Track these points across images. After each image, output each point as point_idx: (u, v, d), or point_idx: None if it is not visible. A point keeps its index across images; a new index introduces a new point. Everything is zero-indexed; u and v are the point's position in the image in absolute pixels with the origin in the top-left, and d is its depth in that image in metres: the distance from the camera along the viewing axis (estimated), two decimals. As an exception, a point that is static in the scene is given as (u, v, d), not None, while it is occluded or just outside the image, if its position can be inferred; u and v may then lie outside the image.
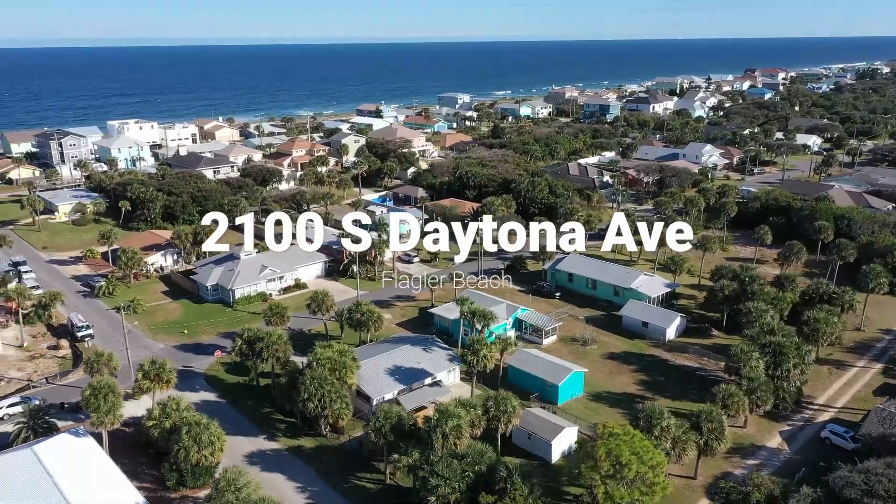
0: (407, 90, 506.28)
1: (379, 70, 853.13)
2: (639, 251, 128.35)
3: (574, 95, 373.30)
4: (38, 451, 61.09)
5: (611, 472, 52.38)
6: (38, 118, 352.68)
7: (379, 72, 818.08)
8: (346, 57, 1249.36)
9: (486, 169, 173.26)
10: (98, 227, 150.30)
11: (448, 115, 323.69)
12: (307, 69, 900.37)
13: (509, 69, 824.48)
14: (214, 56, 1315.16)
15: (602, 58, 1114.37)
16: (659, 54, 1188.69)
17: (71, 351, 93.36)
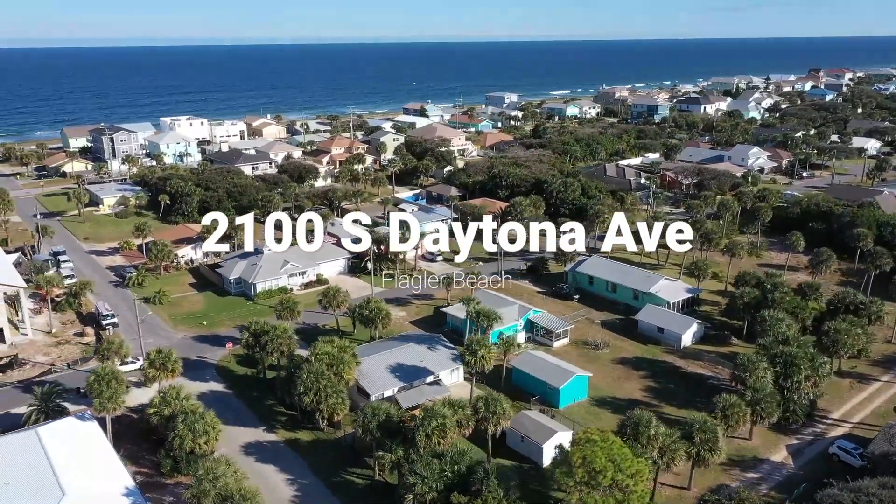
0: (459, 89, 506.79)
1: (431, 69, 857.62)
2: (667, 254, 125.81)
3: (624, 95, 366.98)
4: (41, 432, 63.79)
5: (585, 478, 51.42)
6: (103, 114, 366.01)
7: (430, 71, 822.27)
8: (401, 56, 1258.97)
9: (519, 169, 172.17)
10: (139, 219, 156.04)
11: (493, 114, 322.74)
12: (362, 68, 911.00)
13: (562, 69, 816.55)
14: (270, 55, 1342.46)
15: (661, 57, 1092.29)
16: (720, 53, 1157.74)
17: (95, 338, 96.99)
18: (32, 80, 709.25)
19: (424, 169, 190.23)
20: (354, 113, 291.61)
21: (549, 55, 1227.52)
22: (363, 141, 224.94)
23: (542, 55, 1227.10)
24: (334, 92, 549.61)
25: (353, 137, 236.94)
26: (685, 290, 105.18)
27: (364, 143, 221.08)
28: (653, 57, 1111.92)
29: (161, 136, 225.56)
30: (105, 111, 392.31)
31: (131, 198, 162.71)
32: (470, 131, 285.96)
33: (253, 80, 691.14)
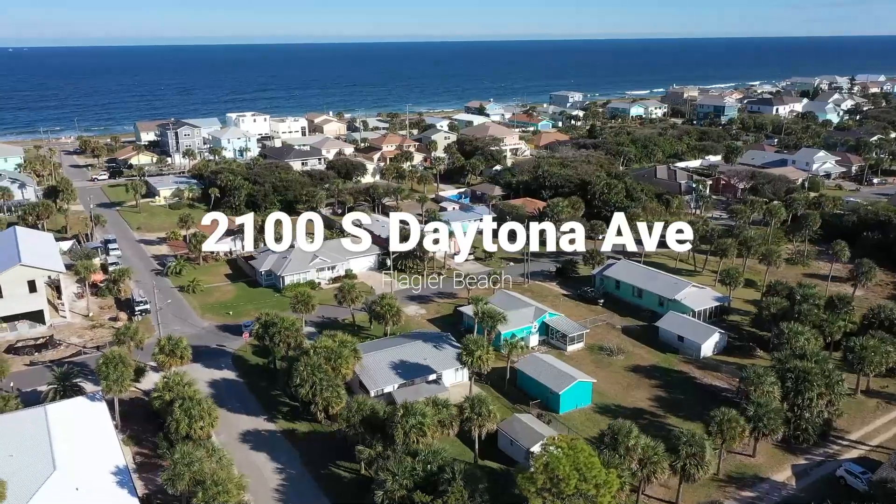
0: (524, 88, 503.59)
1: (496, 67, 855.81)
2: (704, 260, 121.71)
3: (693, 95, 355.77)
4: (49, 409, 67.59)
5: (547, 485, 50.52)
6: (186, 110, 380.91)
7: (496, 69, 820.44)
8: (479, 54, 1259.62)
9: (565, 169, 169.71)
10: (191, 210, 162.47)
11: (554, 113, 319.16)
12: (426, 66, 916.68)
13: (632, 68, 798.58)
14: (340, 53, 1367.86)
15: (743, 56, 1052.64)
16: (807, 52, 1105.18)
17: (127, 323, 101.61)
18: (124, 75, 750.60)
19: (472, 168, 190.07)
20: (410, 111, 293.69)
21: (620, 54, 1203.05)
22: (415, 139, 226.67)
23: (611, 54, 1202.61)
24: (400, 90, 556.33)
25: (406, 135, 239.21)
26: (713, 298, 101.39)
27: (416, 140, 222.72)
28: (734, 55, 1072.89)
29: (222, 131, 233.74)
30: (188, 107, 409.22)
31: (185, 190, 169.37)
32: (528, 130, 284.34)
33: (322, 78, 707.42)
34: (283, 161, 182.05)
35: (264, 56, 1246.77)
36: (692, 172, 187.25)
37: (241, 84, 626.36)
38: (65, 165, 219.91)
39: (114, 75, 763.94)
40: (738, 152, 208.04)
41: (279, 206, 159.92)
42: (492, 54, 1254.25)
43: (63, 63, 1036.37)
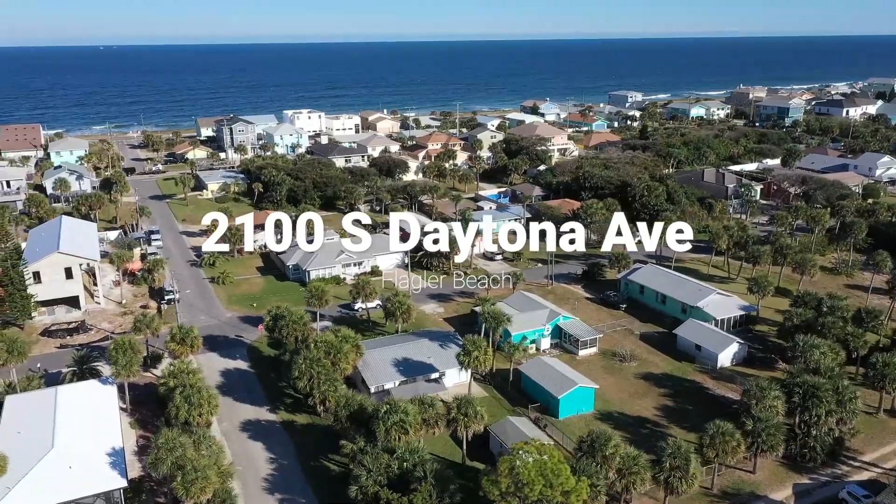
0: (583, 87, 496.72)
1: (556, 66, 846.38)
2: (739, 267, 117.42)
3: (759, 96, 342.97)
4: (59, 391, 71.13)
5: (511, 489, 49.97)
6: (253, 106, 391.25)
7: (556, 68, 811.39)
8: (542, 53, 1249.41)
9: (607, 171, 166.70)
10: (236, 204, 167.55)
11: (610, 113, 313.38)
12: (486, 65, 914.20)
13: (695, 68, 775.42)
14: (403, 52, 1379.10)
15: (826, 56, 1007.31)
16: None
17: (156, 311, 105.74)
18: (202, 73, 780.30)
19: (514, 167, 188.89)
20: (466, 109, 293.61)
21: (689, 53, 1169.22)
22: (461, 138, 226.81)
23: (679, 54, 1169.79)
24: (461, 89, 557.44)
25: (456, 133, 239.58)
26: (739, 306, 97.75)
27: (462, 139, 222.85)
28: (816, 55, 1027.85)
29: (275, 127, 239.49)
30: (256, 103, 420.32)
31: (231, 184, 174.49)
32: (582, 130, 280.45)
33: (387, 76, 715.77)
34: (327, 158, 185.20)
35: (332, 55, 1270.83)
36: (743, 176, 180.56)
37: (311, 82, 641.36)
38: (127, 159, 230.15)
39: (191, 73, 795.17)
40: (797, 156, 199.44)
41: (319, 203, 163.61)
42: (556, 53, 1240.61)
43: (146, 61, 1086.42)
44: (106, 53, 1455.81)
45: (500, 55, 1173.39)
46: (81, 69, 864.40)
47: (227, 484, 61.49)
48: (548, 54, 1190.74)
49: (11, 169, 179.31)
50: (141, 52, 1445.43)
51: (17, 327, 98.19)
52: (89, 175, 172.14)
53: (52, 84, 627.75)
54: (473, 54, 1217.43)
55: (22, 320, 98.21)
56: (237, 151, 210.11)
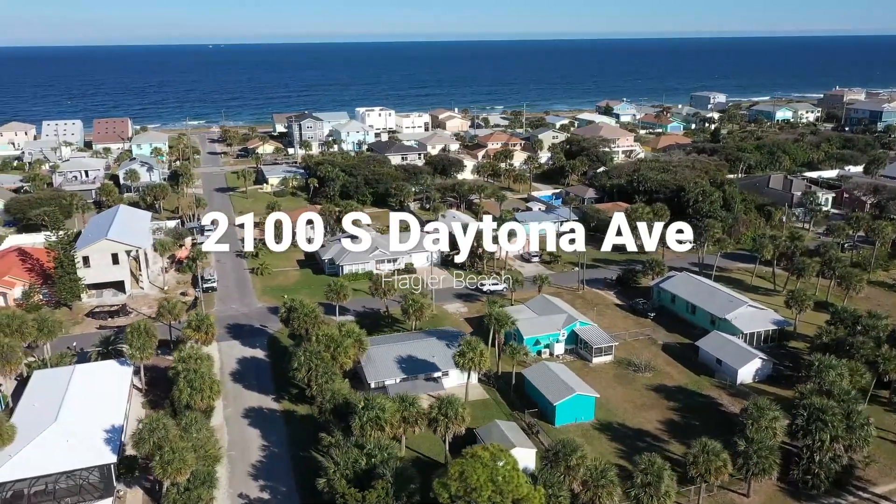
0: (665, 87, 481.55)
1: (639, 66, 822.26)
2: (785, 279, 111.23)
3: (855, 98, 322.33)
4: (77, 369, 75.87)
5: (460, 492, 49.52)
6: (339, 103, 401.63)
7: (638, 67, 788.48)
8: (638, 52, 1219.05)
9: (663, 174, 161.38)
10: (292, 199, 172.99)
11: (688, 115, 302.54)
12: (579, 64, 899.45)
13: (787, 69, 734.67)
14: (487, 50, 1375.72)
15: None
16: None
17: (195, 298, 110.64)
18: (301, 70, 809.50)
19: (571, 168, 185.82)
20: (538, 109, 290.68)
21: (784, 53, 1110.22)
22: (523, 138, 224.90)
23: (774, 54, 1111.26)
24: (539, 88, 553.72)
25: (518, 133, 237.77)
26: (772, 320, 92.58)
27: (524, 139, 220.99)
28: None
29: (344, 124, 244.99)
30: (341, 99, 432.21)
31: (290, 179, 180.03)
32: (656, 132, 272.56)
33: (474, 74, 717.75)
34: (382, 155, 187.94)
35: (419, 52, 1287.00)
36: (817, 183, 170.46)
37: (398, 79, 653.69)
38: (204, 153, 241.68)
39: (288, 70, 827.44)
40: (881, 163, 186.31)
41: (371, 199, 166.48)
42: (646, 53, 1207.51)
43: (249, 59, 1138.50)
44: (214, 52, 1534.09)
45: (584, 54, 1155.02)
46: (191, 67, 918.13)
47: (212, 467, 63.87)
48: (636, 53, 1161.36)
49: (91, 160, 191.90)
50: (246, 51, 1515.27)
51: (66, 307, 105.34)
52: (158, 167, 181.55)
53: (160, 81, 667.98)
54: (557, 53, 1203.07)
55: (71, 301, 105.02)
56: (302, 147, 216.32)
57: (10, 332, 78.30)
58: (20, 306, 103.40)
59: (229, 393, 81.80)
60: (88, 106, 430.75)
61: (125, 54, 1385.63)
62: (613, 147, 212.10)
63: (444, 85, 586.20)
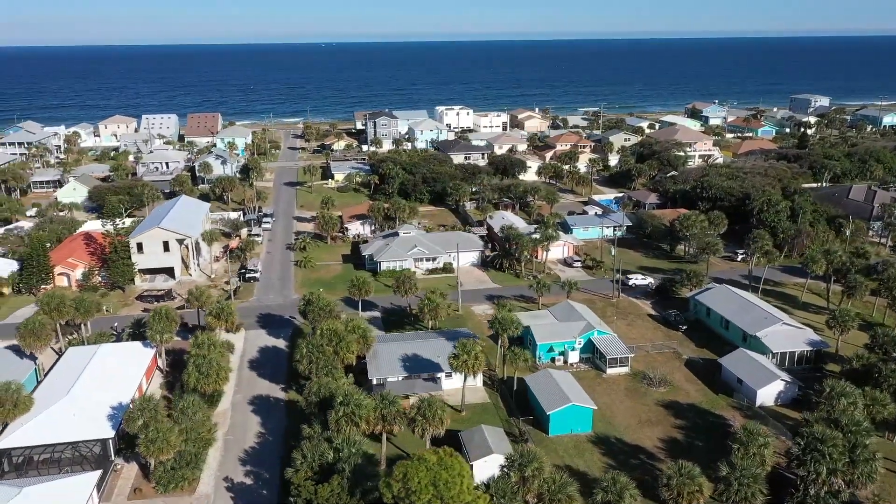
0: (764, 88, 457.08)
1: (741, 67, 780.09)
2: (841, 296, 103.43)
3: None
4: (100, 348, 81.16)
5: (402, 494, 49.53)
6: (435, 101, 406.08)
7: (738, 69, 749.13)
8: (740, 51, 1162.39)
9: (731, 181, 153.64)
10: (354, 195, 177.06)
11: (782, 119, 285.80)
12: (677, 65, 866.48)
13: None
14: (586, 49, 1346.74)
15: None
16: None
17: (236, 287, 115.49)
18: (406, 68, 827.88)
19: (637, 172, 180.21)
20: (621, 110, 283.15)
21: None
22: (594, 139, 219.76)
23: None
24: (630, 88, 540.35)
25: (588, 135, 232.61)
26: (807, 341, 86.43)
27: (595, 141, 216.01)
28: None
29: (418, 123, 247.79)
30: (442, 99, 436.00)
31: (355, 175, 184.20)
32: (745, 136, 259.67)
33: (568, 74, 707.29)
34: (445, 153, 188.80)
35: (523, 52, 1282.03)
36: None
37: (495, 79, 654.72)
38: (284, 147, 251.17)
39: (394, 67, 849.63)
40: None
41: (428, 197, 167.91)
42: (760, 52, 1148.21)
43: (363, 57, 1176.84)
44: (326, 50, 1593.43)
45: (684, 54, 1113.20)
46: (303, 64, 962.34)
47: (202, 449, 66.87)
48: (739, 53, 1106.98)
49: (173, 152, 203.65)
50: (356, 49, 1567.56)
51: (120, 289, 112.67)
52: (231, 160, 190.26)
53: (268, 79, 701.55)
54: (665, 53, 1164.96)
55: (124, 284, 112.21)
56: (372, 144, 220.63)
57: (49, 311, 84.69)
58: (80, 287, 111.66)
59: (243, 379, 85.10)
60: (196, 101, 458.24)
61: (250, 52, 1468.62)
62: (689, 151, 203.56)
63: (541, 85, 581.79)
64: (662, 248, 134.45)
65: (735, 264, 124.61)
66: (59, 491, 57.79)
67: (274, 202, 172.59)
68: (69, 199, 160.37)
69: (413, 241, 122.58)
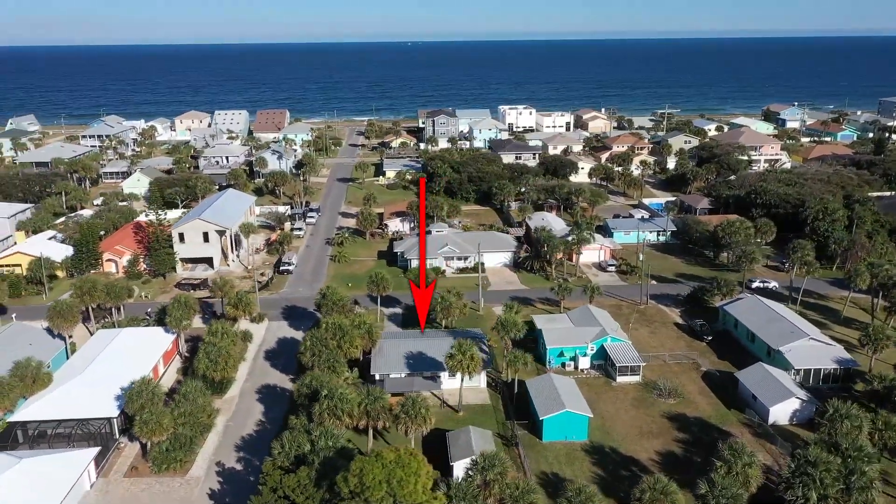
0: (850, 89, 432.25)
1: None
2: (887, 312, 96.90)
3: None
4: (122, 332, 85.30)
5: (357, 489, 49.93)
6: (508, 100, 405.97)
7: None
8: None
9: (788, 187, 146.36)
10: (403, 192, 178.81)
11: (865, 122, 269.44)
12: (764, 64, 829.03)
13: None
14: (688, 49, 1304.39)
15: None
16: None
17: (269, 279, 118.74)
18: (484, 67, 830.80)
19: (693, 175, 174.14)
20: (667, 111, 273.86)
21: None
22: (654, 141, 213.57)
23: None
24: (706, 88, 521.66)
25: (655, 137, 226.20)
26: (836, 358, 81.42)
27: (654, 143, 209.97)
28: None
29: (477, 122, 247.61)
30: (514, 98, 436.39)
31: (405, 172, 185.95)
32: (823, 140, 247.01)
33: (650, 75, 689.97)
34: (496, 153, 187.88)
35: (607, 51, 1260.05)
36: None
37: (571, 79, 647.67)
38: (346, 144, 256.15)
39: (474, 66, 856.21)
40: None
41: (475, 196, 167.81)
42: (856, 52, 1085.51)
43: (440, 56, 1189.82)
44: (413, 48, 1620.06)
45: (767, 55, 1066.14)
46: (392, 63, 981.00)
47: (198, 434, 69.36)
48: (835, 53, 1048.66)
49: (233, 146, 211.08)
50: (442, 48, 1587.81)
51: (161, 277, 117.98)
52: (286, 156, 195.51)
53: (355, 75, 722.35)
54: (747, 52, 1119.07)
55: (164, 272, 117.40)
56: (427, 143, 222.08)
57: (81, 294, 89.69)
58: (126, 273, 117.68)
59: (256, 369, 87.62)
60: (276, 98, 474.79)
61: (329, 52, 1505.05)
62: (753, 155, 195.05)
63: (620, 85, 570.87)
64: (706, 256, 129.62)
65: (782, 275, 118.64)
66: (56, 464, 61.17)
67: (324, 197, 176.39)
68: (133, 189, 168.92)
69: (444, 240, 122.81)
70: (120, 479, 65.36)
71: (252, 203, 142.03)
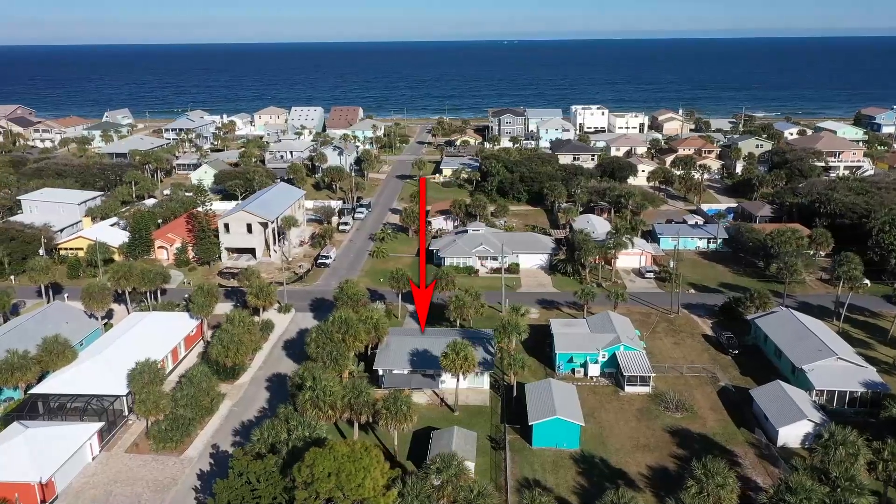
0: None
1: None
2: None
3: None
4: (148, 315, 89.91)
5: (308, 479, 50.83)
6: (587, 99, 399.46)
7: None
8: None
9: (857, 196, 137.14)
10: (458, 189, 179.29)
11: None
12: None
13: None
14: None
15: None
16: None
17: (306, 271, 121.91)
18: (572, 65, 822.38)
19: (759, 181, 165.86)
20: (743, 112, 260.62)
21: None
22: (724, 145, 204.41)
23: None
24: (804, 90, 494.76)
25: (731, 140, 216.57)
26: (864, 381, 75.79)
27: (725, 146, 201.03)
28: None
29: (544, 122, 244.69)
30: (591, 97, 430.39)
31: (461, 171, 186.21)
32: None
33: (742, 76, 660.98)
34: (553, 154, 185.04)
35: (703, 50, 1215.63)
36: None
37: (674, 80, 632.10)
38: (413, 141, 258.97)
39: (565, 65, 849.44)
40: None
41: (526, 196, 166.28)
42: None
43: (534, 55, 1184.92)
44: (508, 47, 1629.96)
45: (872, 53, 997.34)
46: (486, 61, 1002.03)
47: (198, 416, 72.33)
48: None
49: (297, 142, 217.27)
50: (538, 47, 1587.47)
51: (206, 265, 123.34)
52: (347, 153, 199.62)
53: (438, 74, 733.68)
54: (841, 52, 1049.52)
55: (208, 259, 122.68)
56: (490, 142, 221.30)
57: (117, 279, 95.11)
58: (175, 259, 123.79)
59: (272, 357, 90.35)
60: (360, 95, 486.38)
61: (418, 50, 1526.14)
62: (832, 161, 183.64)
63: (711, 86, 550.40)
64: (757, 266, 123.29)
65: (833, 289, 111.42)
66: (61, 435, 65.32)
67: (378, 193, 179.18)
68: (199, 181, 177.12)
69: (479, 239, 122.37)
70: (121, 454, 68.99)
71: (301, 197, 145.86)
